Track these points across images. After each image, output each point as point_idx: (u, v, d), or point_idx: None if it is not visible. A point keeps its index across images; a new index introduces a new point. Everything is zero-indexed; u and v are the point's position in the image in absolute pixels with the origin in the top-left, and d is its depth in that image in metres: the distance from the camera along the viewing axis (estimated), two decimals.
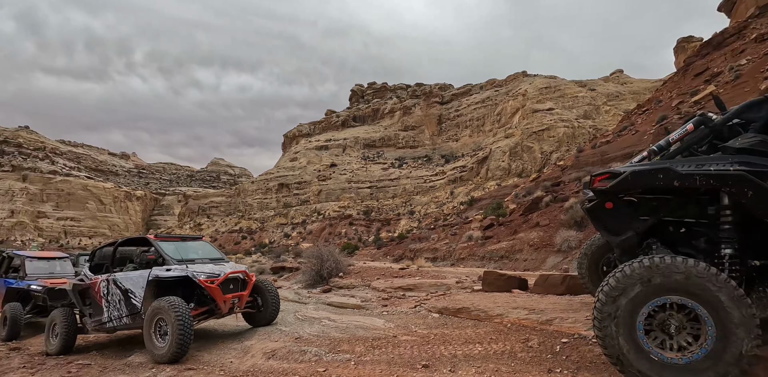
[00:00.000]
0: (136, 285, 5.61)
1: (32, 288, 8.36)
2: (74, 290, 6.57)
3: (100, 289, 6.08)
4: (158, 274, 5.40)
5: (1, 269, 9.41)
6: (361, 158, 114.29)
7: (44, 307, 8.32)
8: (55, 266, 9.39)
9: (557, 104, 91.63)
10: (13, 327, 7.65)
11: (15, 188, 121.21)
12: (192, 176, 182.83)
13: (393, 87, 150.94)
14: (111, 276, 5.98)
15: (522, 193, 33.75)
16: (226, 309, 5.50)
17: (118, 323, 5.88)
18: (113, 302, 5.89)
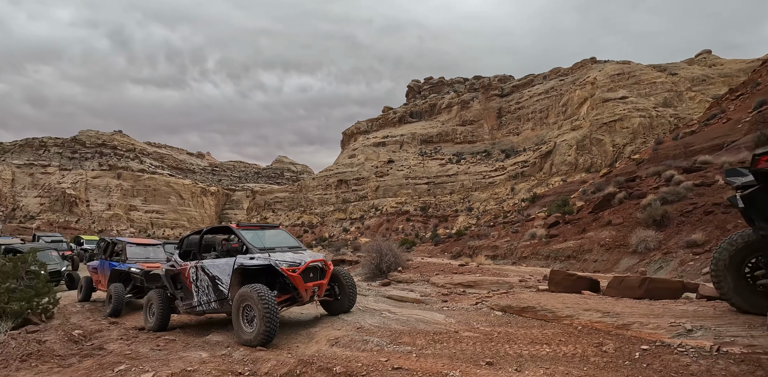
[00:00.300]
0: (222, 272, 5.82)
1: (132, 270, 9.07)
2: (166, 274, 6.96)
3: (190, 275, 6.36)
4: (243, 262, 5.54)
5: (105, 253, 10.41)
6: (419, 154, 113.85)
7: (141, 288, 9.11)
8: (150, 252, 10.19)
9: (632, 92, 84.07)
10: (116, 305, 8.33)
11: (111, 185, 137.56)
12: (258, 173, 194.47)
13: (450, 81, 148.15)
14: (199, 263, 6.23)
15: (591, 189, 31.60)
16: (307, 297, 5.57)
17: (207, 307, 6.15)
18: (202, 287, 6.15)
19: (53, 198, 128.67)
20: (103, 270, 9.81)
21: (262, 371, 4.14)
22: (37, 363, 4.99)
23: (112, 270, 9.35)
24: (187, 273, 6.43)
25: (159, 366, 4.32)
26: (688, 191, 14.84)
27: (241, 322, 5.22)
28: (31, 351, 5.42)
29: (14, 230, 73.56)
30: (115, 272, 9.34)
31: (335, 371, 3.79)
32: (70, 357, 5.20)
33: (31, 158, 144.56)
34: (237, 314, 5.25)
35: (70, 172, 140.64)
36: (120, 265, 9.36)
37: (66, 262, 14.59)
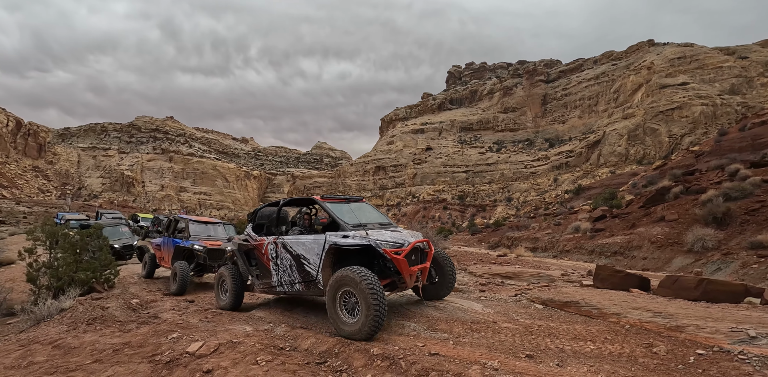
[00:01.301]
0: (309, 251, 5.13)
1: (195, 247, 8.96)
2: (240, 250, 6.43)
3: (268, 251, 5.77)
4: (335, 241, 4.81)
5: (168, 230, 10.41)
6: (458, 141, 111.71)
7: (203, 266, 9.10)
8: (211, 230, 10.09)
9: (693, 78, 77.39)
10: (182, 282, 8.18)
11: (164, 168, 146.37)
12: (299, 159, 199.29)
13: (492, 67, 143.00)
14: (280, 239, 5.57)
15: (642, 182, 29.82)
16: (412, 282, 4.84)
17: (289, 288, 5.55)
18: (283, 266, 5.52)
19: (113, 179, 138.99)
20: (166, 247, 9.86)
21: (302, 347, 4.30)
22: (101, 327, 5.46)
23: (176, 247, 9.30)
24: (265, 249, 5.81)
25: (207, 337, 4.60)
26: (755, 187, 13.59)
27: (339, 311, 4.52)
28: (96, 315, 5.93)
29: (80, 207, 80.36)
30: (179, 249, 9.30)
31: (372, 352, 3.86)
32: (129, 323, 5.65)
33: (94, 141, 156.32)
34: (334, 301, 4.54)
35: (127, 155, 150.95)
36: (183, 242, 9.26)
37: (137, 237, 15.43)
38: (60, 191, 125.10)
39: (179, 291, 8.16)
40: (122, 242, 14.07)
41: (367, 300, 4.17)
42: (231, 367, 3.62)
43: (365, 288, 4.19)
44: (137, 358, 4.15)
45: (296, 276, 5.36)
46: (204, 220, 10.33)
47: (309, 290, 5.30)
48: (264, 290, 6.10)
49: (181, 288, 8.17)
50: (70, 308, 6.50)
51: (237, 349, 4.06)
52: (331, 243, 4.86)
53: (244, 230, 6.63)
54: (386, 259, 4.78)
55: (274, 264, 5.68)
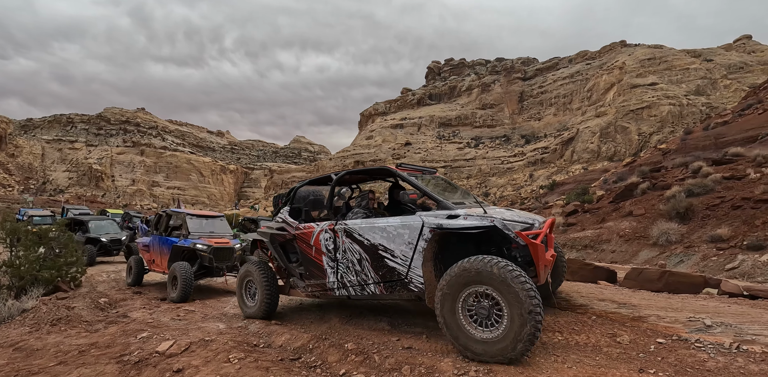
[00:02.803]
0: (395, 240, 3.83)
1: (198, 246, 7.65)
2: (273, 241, 5.11)
3: (320, 243, 4.48)
4: (441, 223, 3.55)
5: (158, 228, 8.89)
6: (436, 137, 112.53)
7: (209, 268, 7.74)
8: (213, 226, 8.75)
9: (662, 78, 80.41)
10: (185, 288, 6.91)
11: (135, 161, 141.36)
12: (277, 153, 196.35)
13: (471, 63, 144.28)
14: (340, 226, 4.28)
15: (612, 178, 30.87)
16: (545, 276, 3.65)
17: (357, 292, 4.24)
18: (347, 262, 4.25)
19: (80, 173, 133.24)
20: (158, 248, 8.39)
21: (276, 343, 4.28)
22: (66, 328, 5.27)
23: (173, 247, 7.86)
24: (314, 240, 4.53)
25: (179, 335, 4.51)
26: (716, 183, 14.30)
27: (463, 320, 3.29)
28: (61, 316, 5.72)
29: (45, 202, 76.81)
30: (176, 250, 7.88)
31: (347, 347, 3.88)
32: (97, 323, 5.47)
33: (60, 133, 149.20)
34: (453, 307, 3.33)
35: (96, 148, 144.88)
36: (182, 241, 7.87)
37: (126, 232, 14.59)
38: (23, 186, 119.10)
39: (182, 297, 6.91)
40: (110, 237, 13.36)
41: (523, 304, 3.01)
42: (202, 366, 3.57)
43: (518, 287, 3.03)
44: (104, 359, 4.04)
45: (370, 275, 4.08)
46: (203, 214, 8.91)
47: (393, 293, 3.99)
48: (313, 293, 4.80)
49: (184, 293, 6.91)
50: (33, 308, 6.24)
51: (209, 347, 4.01)
52: (434, 226, 3.58)
53: (275, 217, 5.38)
54: (509, 246, 3.62)
55: (329, 259, 4.44)
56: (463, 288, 3.30)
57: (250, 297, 5.36)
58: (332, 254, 4.42)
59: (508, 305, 3.10)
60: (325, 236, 4.48)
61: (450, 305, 3.37)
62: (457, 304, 3.35)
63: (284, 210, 5.17)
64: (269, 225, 5.35)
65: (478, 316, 3.29)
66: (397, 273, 3.89)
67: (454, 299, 3.35)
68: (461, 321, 3.32)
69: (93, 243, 12.81)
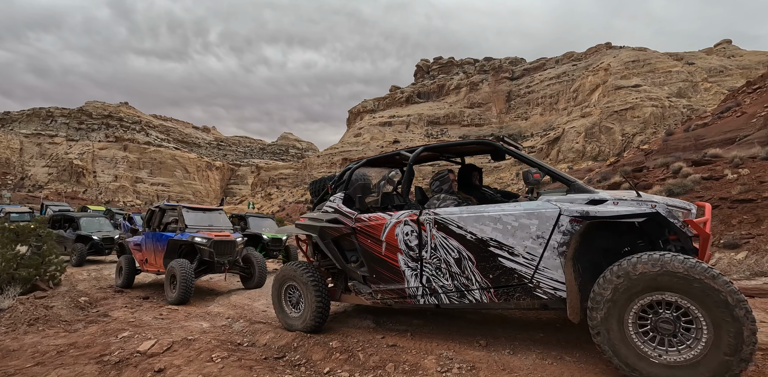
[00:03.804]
0: (516, 233, 3.09)
1: (196, 240, 7.06)
2: (323, 237, 4.23)
3: (396, 238, 3.69)
4: (587, 210, 2.85)
5: (151, 225, 8.32)
6: (425, 135, 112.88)
7: (210, 263, 7.20)
8: (211, 219, 8.24)
9: (645, 80, 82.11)
10: (185, 287, 6.31)
11: (118, 157, 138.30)
12: (264, 149, 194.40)
13: (460, 62, 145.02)
14: (429, 215, 3.50)
15: (596, 178, 31.44)
16: None
17: (452, 299, 3.47)
18: (438, 262, 3.47)
19: (61, 168, 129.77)
20: (151, 245, 7.81)
21: (260, 342, 4.25)
22: (44, 328, 5.15)
23: (169, 241, 7.25)
24: (387, 235, 3.75)
25: (161, 334, 4.45)
26: (696, 184, 14.71)
27: (634, 338, 2.61)
28: (39, 315, 5.58)
29: (23, 198, 74.66)
30: (172, 245, 7.27)
31: (331, 345, 3.88)
32: (76, 323, 5.36)
33: (39, 128, 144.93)
34: (619, 322, 2.64)
35: (77, 143, 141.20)
36: (179, 235, 7.27)
37: (118, 231, 14.13)
38: (0, 182, 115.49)
39: (182, 298, 6.38)
40: (101, 235, 12.83)
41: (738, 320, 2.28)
42: (184, 365, 3.53)
43: (730, 297, 2.30)
44: (83, 359, 3.96)
45: (475, 278, 3.31)
46: (201, 207, 8.42)
47: (508, 300, 3.24)
48: (384, 300, 3.94)
49: (184, 294, 6.38)
50: (9, 308, 6.07)
51: (191, 346, 3.96)
52: (576, 215, 2.87)
53: (319, 206, 4.59)
54: (665, 238, 2.98)
55: (409, 259, 3.64)
56: (637, 295, 2.58)
57: (291, 306, 4.48)
58: (415, 252, 3.59)
59: (712, 320, 2.34)
60: (405, 230, 3.63)
61: (615, 317, 2.65)
62: (625, 316, 2.62)
63: (337, 197, 4.29)
64: (313, 216, 4.40)
65: (657, 332, 2.55)
66: (517, 276, 3.12)
67: (621, 309, 2.62)
68: (631, 338, 2.62)
69: (84, 241, 12.28)
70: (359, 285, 4.12)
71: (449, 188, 3.87)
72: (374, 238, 3.87)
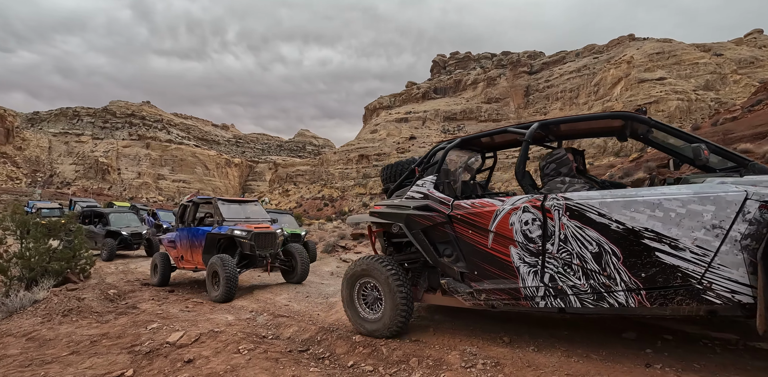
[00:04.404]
0: (683, 222, 2.59)
1: (236, 233, 6.72)
2: (411, 226, 3.75)
3: (511, 227, 3.18)
4: None
5: (184, 220, 7.91)
6: (441, 131, 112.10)
7: (252, 257, 6.86)
8: (248, 211, 7.88)
9: (671, 73, 79.39)
10: (229, 284, 6.00)
11: (141, 154, 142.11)
12: (281, 146, 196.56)
13: (477, 57, 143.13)
14: (558, 201, 2.98)
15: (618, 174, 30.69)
16: None
17: (586, 302, 2.96)
18: (568, 257, 2.95)
19: (87, 166, 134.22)
20: (187, 241, 7.53)
21: (284, 335, 4.33)
22: (77, 318, 5.36)
23: (207, 236, 6.95)
24: (497, 224, 3.24)
25: (188, 326, 4.57)
26: None
27: None
28: (72, 307, 5.81)
29: (52, 195, 77.54)
30: (210, 239, 6.97)
31: (354, 339, 3.92)
32: (107, 314, 5.56)
33: (66, 127, 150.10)
34: None
35: (102, 141, 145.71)
36: (216, 229, 6.94)
37: (145, 226, 14.33)
38: (30, 179, 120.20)
39: (227, 295, 6.06)
40: (130, 230, 13.06)
41: None
42: (213, 356, 3.62)
43: None
44: (116, 349, 4.11)
45: (620, 277, 2.81)
46: (236, 199, 8.10)
47: (665, 305, 2.72)
48: (488, 301, 3.44)
49: (229, 291, 6.05)
50: (44, 299, 6.34)
51: (218, 338, 4.06)
52: None
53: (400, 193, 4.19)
54: None
55: (526, 253, 3.14)
56: None
57: (366, 306, 4.02)
58: (536, 244, 3.07)
59: None
60: (523, 218, 3.12)
61: None
62: None
63: (427, 181, 3.86)
64: (395, 204, 3.97)
65: None
66: (681, 275, 2.61)
67: None
68: None
69: (113, 237, 12.55)
70: (455, 284, 3.57)
71: (569, 172, 3.30)
72: (479, 228, 3.36)
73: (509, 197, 3.34)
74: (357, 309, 4.05)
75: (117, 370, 3.50)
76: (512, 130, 3.63)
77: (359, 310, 4.05)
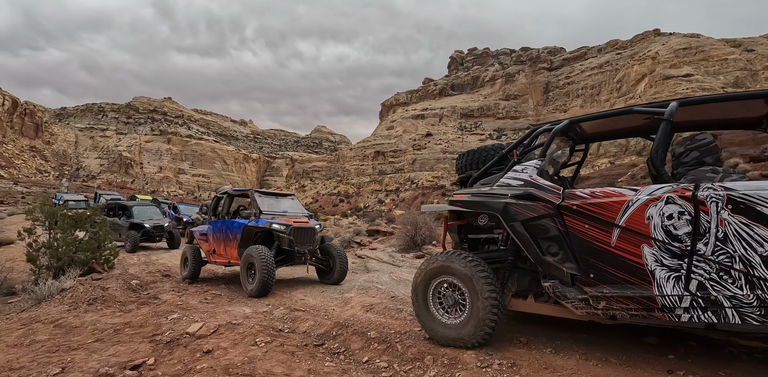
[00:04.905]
0: None
1: (274, 227, 6.40)
2: (508, 217, 3.22)
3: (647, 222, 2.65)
4: None
5: (217, 213, 7.63)
6: (458, 128, 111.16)
7: (290, 253, 6.49)
8: (285, 204, 7.50)
9: (698, 69, 76.67)
10: (265, 278, 5.73)
11: (162, 149, 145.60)
12: (298, 142, 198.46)
13: (495, 52, 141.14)
14: (717, 191, 2.47)
15: (641, 174, 29.91)
16: None
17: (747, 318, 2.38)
18: (728, 259, 2.42)
19: (111, 160, 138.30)
20: (221, 234, 7.23)
21: (300, 329, 4.38)
22: (101, 307, 5.53)
23: (245, 228, 6.62)
24: (630, 218, 2.72)
25: (207, 318, 4.67)
26: None
27: None
28: (97, 296, 6.00)
29: (78, 187, 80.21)
30: (247, 232, 6.63)
31: (369, 335, 3.93)
32: (129, 304, 5.72)
33: (92, 122, 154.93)
34: None
35: (125, 136, 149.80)
36: (254, 221, 6.57)
37: (168, 219, 14.65)
38: (58, 172, 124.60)
39: (262, 289, 5.78)
40: (153, 223, 13.37)
41: None
42: (230, 348, 3.69)
43: None
44: (138, 338, 4.22)
45: None
46: (272, 192, 7.68)
47: None
48: (607, 311, 2.89)
49: (265, 284, 5.76)
50: (71, 288, 6.57)
51: (236, 330, 4.14)
52: None
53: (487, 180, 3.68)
54: None
55: (665, 253, 2.60)
56: None
57: (443, 309, 3.53)
58: (682, 243, 2.55)
59: None
60: (666, 211, 2.60)
61: None
62: None
63: (530, 166, 3.35)
64: (484, 192, 3.46)
65: None
66: None
67: None
68: None
69: (136, 229, 12.87)
70: (562, 288, 3.02)
71: (715, 162, 2.90)
72: (601, 222, 2.85)
73: (643, 186, 2.82)
74: (432, 313, 3.57)
75: (139, 358, 3.60)
76: (642, 109, 3.04)
77: (435, 314, 3.55)
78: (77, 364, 3.58)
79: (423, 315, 3.67)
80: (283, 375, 3.09)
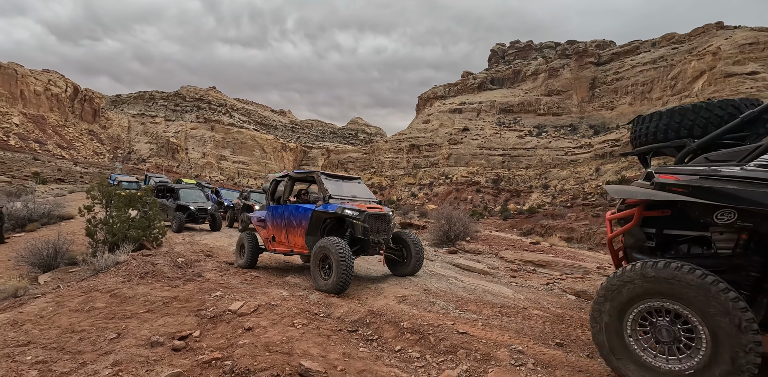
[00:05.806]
0: None
1: (347, 213, 5.66)
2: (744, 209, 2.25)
3: None
4: None
5: (275, 198, 7.08)
6: (496, 123, 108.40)
7: (364, 242, 5.70)
8: (353, 189, 6.66)
9: (765, 67, 70.29)
10: (343, 274, 5.06)
11: (206, 136, 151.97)
12: (334, 133, 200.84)
13: (539, 46, 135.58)
14: None
15: None
16: None
17: None
18: None
19: (159, 145, 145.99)
20: (283, 221, 6.56)
21: (335, 314, 4.50)
22: (152, 281, 5.92)
23: (313, 214, 5.91)
24: None
25: (247, 297, 4.89)
26: None
27: None
28: (147, 270, 6.42)
29: (130, 170, 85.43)
30: (316, 218, 5.91)
31: (402, 325, 3.98)
32: (176, 280, 6.08)
33: (143, 109, 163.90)
34: None
35: (173, 122, 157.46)
36: (323, 206, 5.85)
37: (211, 202, 15.10)
38: (112, 154, 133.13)
39: (341, 285, 5.14)
40: (197, 205, 13.89)
41: None
42: (270, 327, 3.85)
43: None
44: (185, 311, 4.50)
45: None
46: (339, 175, 6.84)
47: None
48: None
49: (344, 280, 5.11)
50: (125, 262, 7.06)
51: (275, 311, 4.31)
52: None
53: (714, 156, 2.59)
54: None
55: None
56: None
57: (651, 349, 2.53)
58: None
59: None
60: None
61: None
62: None
63: None
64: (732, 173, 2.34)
65: None
66: None
67: None
68: None
69: (182, 211, 13.48)
70: None
71: None
72: None
73: None
74: (633, 353, 2.52)
75: (186, 330, 3.84)
76: None
77: (639, 355, 2.50)
78: (131, 331, 3.87)
79: (618, 353, 2.62)
80: (320, 357, 3.20)
